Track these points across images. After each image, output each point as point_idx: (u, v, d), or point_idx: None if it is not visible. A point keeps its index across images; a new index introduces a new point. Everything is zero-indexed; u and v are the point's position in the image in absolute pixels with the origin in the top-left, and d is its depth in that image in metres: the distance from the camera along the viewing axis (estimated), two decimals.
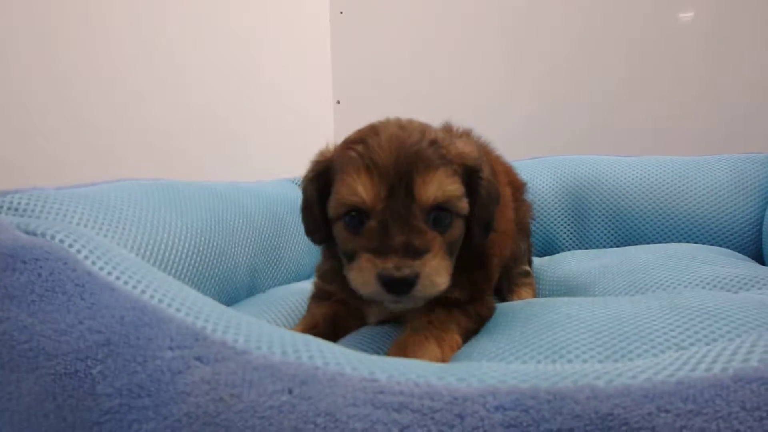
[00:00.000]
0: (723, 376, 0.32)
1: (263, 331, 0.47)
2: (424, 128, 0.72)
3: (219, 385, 0.42)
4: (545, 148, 1.03)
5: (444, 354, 0.66)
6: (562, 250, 1.37)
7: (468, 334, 0.72)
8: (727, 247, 1.17)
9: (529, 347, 0.59)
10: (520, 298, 0.97)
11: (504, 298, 0.98)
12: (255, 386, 0.41)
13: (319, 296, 0.85)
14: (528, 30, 2.11)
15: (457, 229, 0.69)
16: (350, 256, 0.68)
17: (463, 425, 0.35)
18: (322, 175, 0.74)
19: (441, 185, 0.66)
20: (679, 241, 1.23)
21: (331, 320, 0.80)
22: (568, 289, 0.98)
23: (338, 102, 2.42)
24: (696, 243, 1.19)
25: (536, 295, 1.02)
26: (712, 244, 1.18)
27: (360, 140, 0.69)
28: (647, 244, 1.26)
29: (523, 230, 1.05)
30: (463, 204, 0.69)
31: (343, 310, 0.81)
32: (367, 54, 2.38)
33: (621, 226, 1.33)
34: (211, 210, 1.05)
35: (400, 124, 0.71)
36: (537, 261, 1.21)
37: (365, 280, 0.63)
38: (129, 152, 1.50)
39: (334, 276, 0.79)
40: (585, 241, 1.38)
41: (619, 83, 1.99)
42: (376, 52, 2.36)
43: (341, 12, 2.38)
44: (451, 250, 0.69)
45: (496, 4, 2.15)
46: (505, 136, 1.04)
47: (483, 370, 0.40)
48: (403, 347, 0.66)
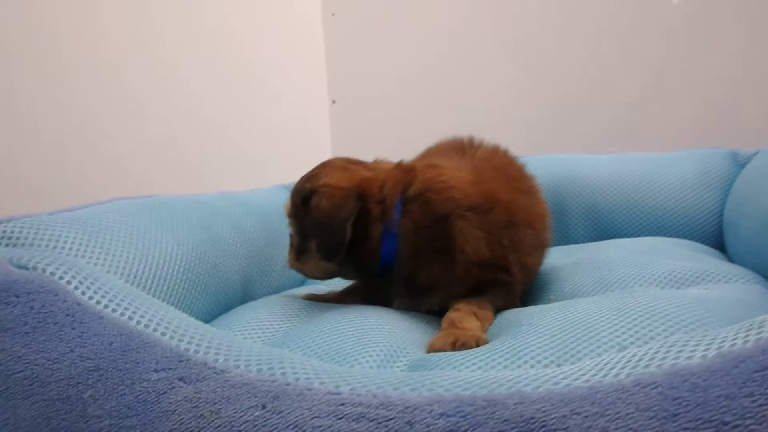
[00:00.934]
0: (626, 381, 0.37)
1: (242, 349, 0.52)
2: (325, 165, 1.02)
3: (200, 403, 0.47)
4: (524, 147, 1.07)
5: (483, 325, 0.82)
6: None
7: (498, 310, 0.89)
8: (693, 239, 1.23)
9: (494, 354, 0.64)
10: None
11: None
12: (233, 402, 0.46)
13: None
14: (509, 30, 2.16)
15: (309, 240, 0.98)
16: None
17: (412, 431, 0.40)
18: None
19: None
20: (650, 234, 1.28)
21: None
22: (547, 282, 1.04)
23: (333, 102, 2.45)
24: (665, 236, 1.25)
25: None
26: (680, 237, 1.24)
27: None
28: (621, 237, 1.31)
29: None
30: (291, 223, 1.02)
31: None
32: (361, 54, 2.42)
33: (597, 221, 1.39)
34: (202, 225, 1.09)
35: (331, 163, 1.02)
36: None
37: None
38: (123, 158, 1.54)
39: None
40: (566, 236, 1.44)
41: (588, 84, 2.05)
42: (369, 52, 2.40)
43: (333, 14, 2.42)
44: (321, 254, 0.95)
45: (486, 4, 2.19)
46: (492, 136, 1.08)
47: (434, 380, 0.45)
48: (452, 322, 0.81)
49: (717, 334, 0.38)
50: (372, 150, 1.09)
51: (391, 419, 0.42)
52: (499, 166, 1.02)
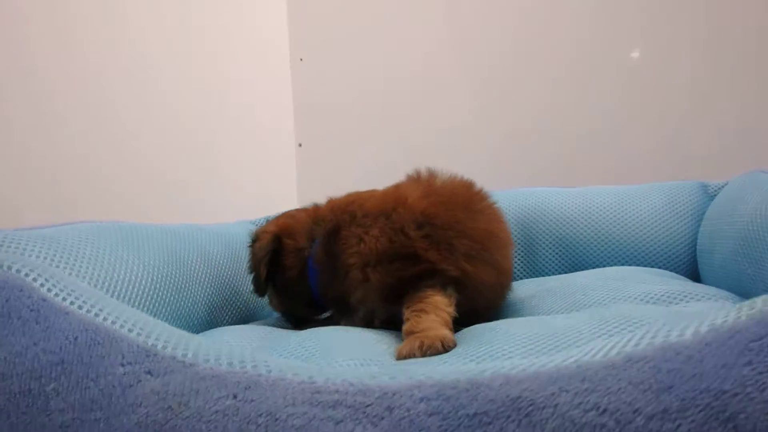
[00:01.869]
0: (616, 359, 0.36)
1: (212, 347, 0.50)
2: (282, 214, 1.17)
3: (168, 395, 0.45)
4: (489, 180, 1.07)
5: (440, 316, 0.80)
6: (514, 280, 1.42)
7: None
8: (666, 269, 1.23)
9: (467, 358, 0.63)
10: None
11: None
12: (201, 394, 0.44)
13: None
14: (492, 69, 2.20)
15: None
16: None
17: (392, 416, 0.39)
18: None
19: None
20: (621, 265, 1.28)
21: None
22: (514, 312, 1.02)
23: (300, 145, 2.46)
24: (636, 266, 1.25)
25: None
26: (652, 266, 1.24)
27: None
28: (591, 269, 1.31)
29: None
30: None
31: None
32: (328, 98, 2.43)
33: (567, 253, 1.39)
34: (167, 248, 1.07)
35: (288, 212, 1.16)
36: None
37: None
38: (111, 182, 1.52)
39: None
40: (535, 269, 1.43)
41: (548, 115, 2.10)
42: (337, 97, 2.42)
43: (301, 59, 2.45)
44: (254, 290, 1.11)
45: (456, 47, 2.24)
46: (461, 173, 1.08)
47: (413, 370, 0.44)
48: (410, 331, 0.78)
49: (708, 314, 0.37)
50: (337, 193, 1.10)
51: (369, 405, 0.40)
52: (453, 190, 1.01)
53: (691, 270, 1.24)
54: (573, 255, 1.37)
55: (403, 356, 0.71)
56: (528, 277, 1.42)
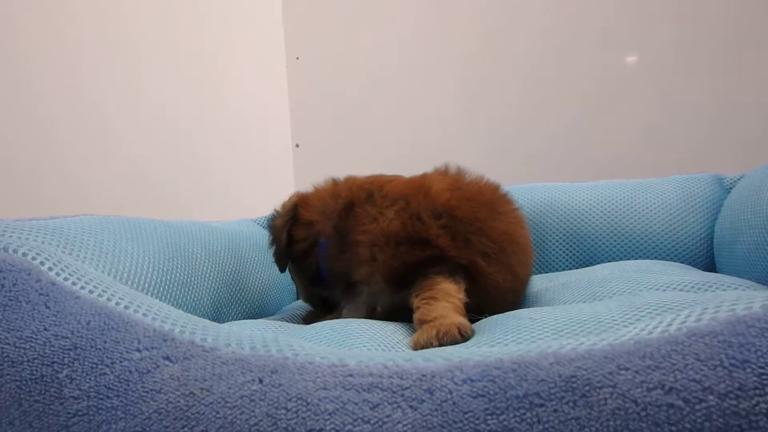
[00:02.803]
0: (677, 334, 0.34)
1: (231, 332, 0.48)
2: None
3: (189, 381, 0.42)
4: (502, 178, 1.04)
5: (451, 302, 0.77)
6: None
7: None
8: (681, 262, 1.20)
9: (495, 346, 0.60)
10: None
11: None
12: (225, 379, 0.42)
13: None
14: (484, 71, 2.18)
15: None
16: None
17: (433, 399, 0.36)
18: None
19: None
20: (635, 259, 1.26)
21: None
22: (526, 305, 0.99)
23: (297, 145, 2.44)
24: (652, 259, 1.22)
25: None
26: (667, 260, 1.22)
27: None
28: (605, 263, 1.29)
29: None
30: None
31: None
32: (324, 97, 2.41)
33: (578, 248, 1.36)
34: (173, 243, 1.04)
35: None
36: None
37: None
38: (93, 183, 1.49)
39: None
40: (545, 265, 1.41)
41: (571, 118, 2.07)
42: (333, 96, 2.40)
43: (297, 58, 2.42)
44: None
45: (449, 47, 2.21)
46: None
47: (448, 353, 0.41)
48: (422, 320, 0.75)
49: (759, 294, 0.35)
50: None
51: (407, 388, 0.37)
52: (479, 189, 0.99)
53: (707, 263, 1.22)
54: (584, 250, 1.35)
55: (421, 345, 0.68)
56: (538, 273, 1.39)
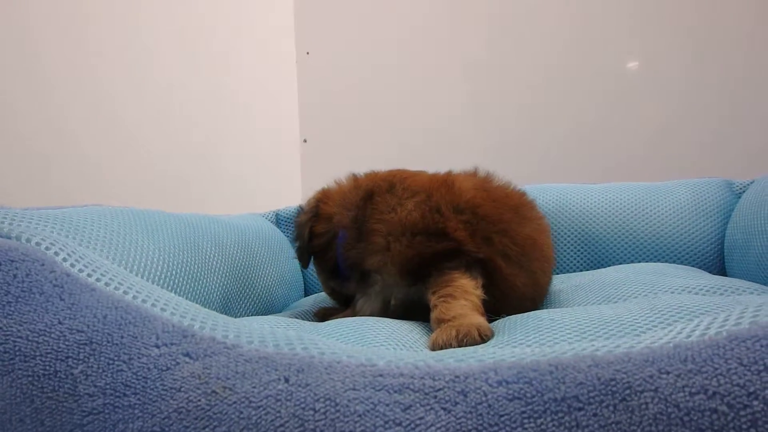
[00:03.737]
0: (718, 338, 0.33)
1: (254, 328, 0.46)
2: None
3: (210, 379, 0.41)
4: (511, 177, 1.03)
5: (469, 300, 0.75)
6: None
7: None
8: (691, 265, 1.20)
9: (518, 347, 0.59)
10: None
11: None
12: (249, 377, 0.40)
13: None
14: (493, 68, 2.17)
15: None
16: None
17: (467, 401, 0.35)
18: None
19: None
20: (645, 262, 1.25)
21: None
22: (540, 307, 0.98)
23: (305, 141, 2.43)
24: (663, 263, 1.22)
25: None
26: (677, 263, 1.21)
27: None
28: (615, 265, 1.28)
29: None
30: None
31: None
32: (333, 93, 2.40)
33: (590, 250, 1.35)
34: (183, 236, 1.03)
35: None
36: None
37: None
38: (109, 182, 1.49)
39: None
40: (556, 266, 1.40)
41: (582, 120, 2.07)
42: (342, 92, 2.39)
43: (307, 52, 2.41)
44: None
45: (459, 44, 2.20)
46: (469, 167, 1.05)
47: (480, 353, 0.40)
48: (439, 320, 0.73)
49: None
50: None
51: (440, 389, 0.36)
52: (506, 193, 0.98)
53: (717, 267, 1.21)
54: (596, 252, 1.34)
55: (439, 346, 0.66)
56: None
